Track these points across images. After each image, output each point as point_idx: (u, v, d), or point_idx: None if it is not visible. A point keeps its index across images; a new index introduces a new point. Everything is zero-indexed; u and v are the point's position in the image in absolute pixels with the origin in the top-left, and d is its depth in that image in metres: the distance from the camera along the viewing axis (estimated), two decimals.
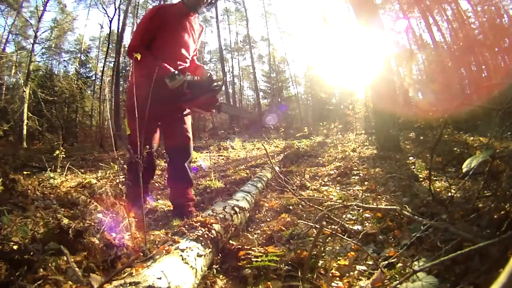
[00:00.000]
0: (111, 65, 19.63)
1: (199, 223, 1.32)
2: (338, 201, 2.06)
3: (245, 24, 24.76)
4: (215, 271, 1.24)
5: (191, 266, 1.02)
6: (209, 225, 1.33)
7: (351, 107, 11.01)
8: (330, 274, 1.14)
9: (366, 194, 2.13)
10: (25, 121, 12.49)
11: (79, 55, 21.97)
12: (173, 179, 2.11)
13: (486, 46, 13.71)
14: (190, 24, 2.06)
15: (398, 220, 1.50)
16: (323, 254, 1.31)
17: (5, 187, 2.43)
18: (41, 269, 1.02)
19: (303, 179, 2.86)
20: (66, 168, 3.47)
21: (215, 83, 1.94)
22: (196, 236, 1.22)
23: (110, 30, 17.42)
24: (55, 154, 3.79)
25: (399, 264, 1.11)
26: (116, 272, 0.81)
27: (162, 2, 20.83)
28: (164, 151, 1.94)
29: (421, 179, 2.53)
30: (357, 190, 2.45)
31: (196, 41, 2.18)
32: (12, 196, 2.33)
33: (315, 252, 1.27)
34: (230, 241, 1.42)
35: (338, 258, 1.28)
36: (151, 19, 1.94)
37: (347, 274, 1.15)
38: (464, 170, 1.04)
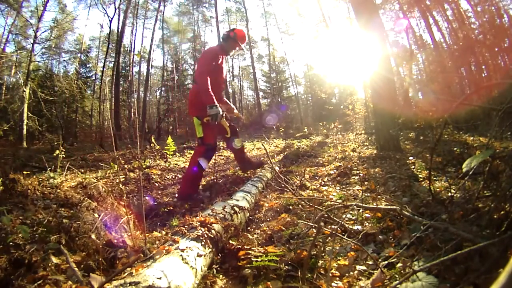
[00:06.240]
0: (111, 65, 19.64)
1: (199, 223, 1.32)
2: (338, 201, 2.06)
3: (245, 24, 24.75)
4: (215, 271, 1.24)
5: (191, 266, 1.02)
6: (209, 225, 1.33)
7: (351, 107, 11.01)
8: (330, 274, 1.14)
9: (366, 194, 2.13)
10: (25, 121, 12.48)
11: (79, 55, 21.98)
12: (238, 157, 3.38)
13: (486, 46, 13.70)
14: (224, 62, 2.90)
15: (398, 220, 1.50)
16: (323, 254, 1.31)
17: (5, 187, 2.43)
18: (41, 269, 1.02)
19: (303, 179, 2.86)
20: (66, 168, 3.46)
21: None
22: (196, 236, 1.22)
23: (110, 30, 17.44)
24: (55, 154, 3.78)
25: (399, 264, 1.11)
26: (116, 272, 0.81)
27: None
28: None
29: (421, 179, 2.53)
30: (357, 190, 2.45)
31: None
32: (12, 196, 2.33)
33: (314, 252, 1.27)
34: (230, 241, 1.42)
35: (338, 258, 1.28)
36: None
37: (347, 274, 1.15)
38: (464, 170, 1.04)
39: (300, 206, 2.07)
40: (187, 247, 1.09)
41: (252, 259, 1.18)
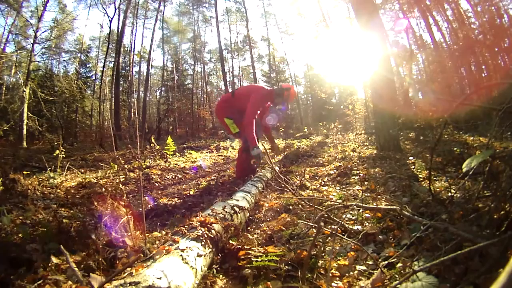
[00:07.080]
0: (111, 65, 19.65)
1: (199, 223, 1.32)
2: (338, 201, 2.06)
3: (245, 24, 24.73)
4: (215, 271, 1.23)
5: (191, 266, 1.02)
6: (209, 225, 1.33)
7: (351, 107, 11.02)
8: (330, 274, 1.14)
9: (366, 194, 2.13)
10: (25, 121, 12.48)
11: (79, 55, 21.99)
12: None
13: (486, 46, 13.69)
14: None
15: (398, 220, 1.49)
16: (323, 254, 1.31)
17: (5, 187, 2.43)
18: (41, 269, 1.02)
19: (303, 179, 2.86)
20: (66, 168, 3.46)
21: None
22: (196, 236, 1.22)
23: (110, 30, 17.44)
24: (55, 154, 3.79)
25: (399, 264, 1.11)
26: (116, 273, 0.81)
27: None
28: None
29: (421, 179, 2.53)
30: (357, 190, 2.45)
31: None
32: (12, 196, 2.33)
33: (314, 252, 1.27)
34: (230, 241, 1.42)
35: (338, 258, 1.28)
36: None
37: (347, 274, 1.15)
38: (464, 170, 1.04)
39: (300, 206, 2.07)
40: (187, 247, 1.09)
41: (252, 259, 1.18)
